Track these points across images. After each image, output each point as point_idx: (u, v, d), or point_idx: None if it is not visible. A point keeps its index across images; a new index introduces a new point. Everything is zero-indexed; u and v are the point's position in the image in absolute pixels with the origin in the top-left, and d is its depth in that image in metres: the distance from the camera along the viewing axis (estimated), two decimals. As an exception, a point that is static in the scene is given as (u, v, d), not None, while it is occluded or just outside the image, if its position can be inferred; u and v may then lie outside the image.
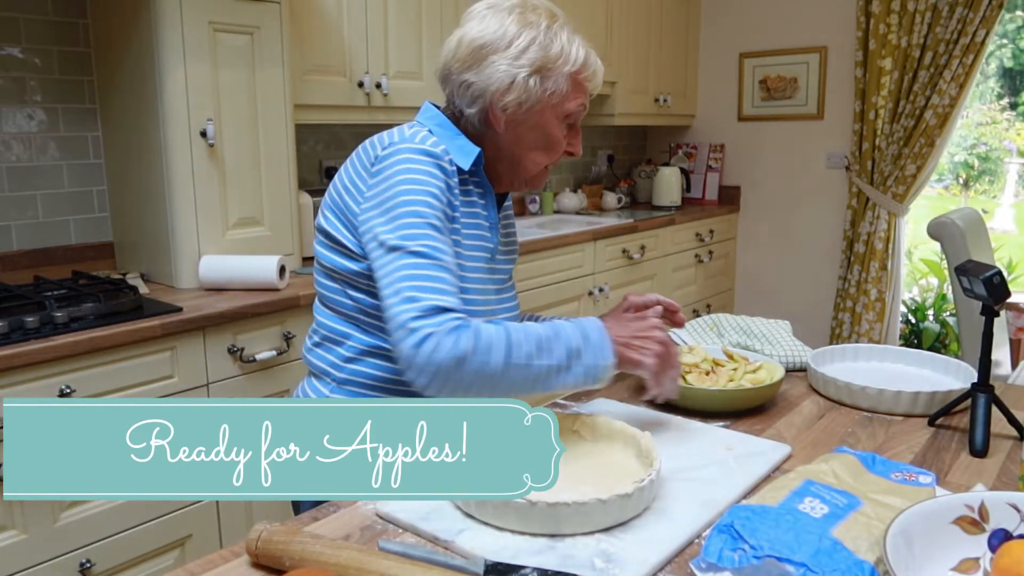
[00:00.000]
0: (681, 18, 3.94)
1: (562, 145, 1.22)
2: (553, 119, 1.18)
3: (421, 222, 1.06)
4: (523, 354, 1.01)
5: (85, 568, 1.65)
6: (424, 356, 0.97)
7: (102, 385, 1.64)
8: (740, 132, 4.05)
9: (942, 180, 5.72)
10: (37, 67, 2.07)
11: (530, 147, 1.20)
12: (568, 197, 3.71)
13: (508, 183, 1.26)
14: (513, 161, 1.22)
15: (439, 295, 1.01)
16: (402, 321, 0.99)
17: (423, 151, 1.10)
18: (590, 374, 1.05)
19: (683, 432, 1.16)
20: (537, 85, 1.14)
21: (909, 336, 3.94)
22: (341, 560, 0.76)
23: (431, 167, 1.10)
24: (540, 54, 1.13)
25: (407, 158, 1.10)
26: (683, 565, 0.82)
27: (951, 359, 1.40)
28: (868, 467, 0.97)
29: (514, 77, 1.13)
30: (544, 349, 1.03)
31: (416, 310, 0.99)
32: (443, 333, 0.97)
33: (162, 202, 2.01)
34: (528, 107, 1.16)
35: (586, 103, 1.21)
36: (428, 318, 0.98)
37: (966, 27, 3.20)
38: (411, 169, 1.09)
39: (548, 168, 1.25)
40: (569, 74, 1.16)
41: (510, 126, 1.18)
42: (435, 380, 0.98)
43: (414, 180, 1.08)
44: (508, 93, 1.14)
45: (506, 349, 1.00)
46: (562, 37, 1.16)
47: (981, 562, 0.78)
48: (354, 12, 2.39)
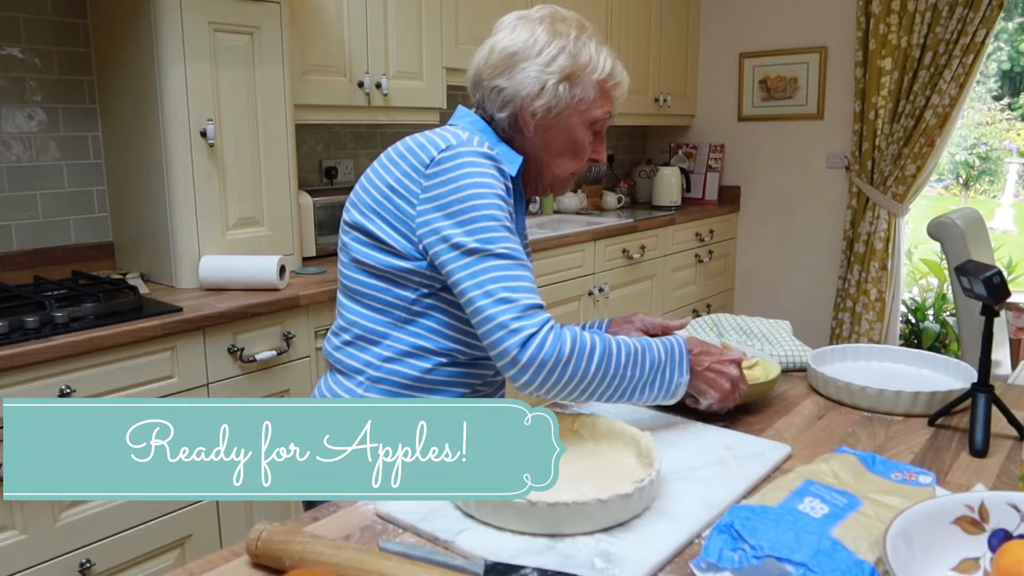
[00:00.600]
0: (681, 18, 3.94)
1: (588, 151, 1.26)
2: (580, 125, 1.22)
3: (497, 225, 1.09)
4: (617, 363, 1.07)
5: (85, 568, 1.65)
6: (530, 355, 1.01)
7: (102, 385, 1.64)
8: (740, 132, 4.05)
9: (942, 180, 5.72)
10: (37, 67, 2.07)
11: (557, 152, 1.24)
12: (568, 197, 3.71)
13: (533, 188, 1.29)
14: (540, 166, 1.25)
15: (531, 294, 1.06)
16: (502, 322, 1.03)
17: (484, 154, 1.12)
18: (669, 389, 1.12)
19: (683, 432, 1.16)
20: (566, 91, 1.18)
21: (909, 336, 3.94)
22: (341, 560, 0.76)
23: (493, 170, 1.12)
24: (569, 62, 1.17)
25: (471, 161, 1.11)
26: (683, 565, 0.82)
27: (951, 359, 1.40)
28: (868, 467, 0.97)
29: (544, 83, 1.17)
30: (635, 361, 1.08)
31: (514, 310, 1.03)
32: (545, 332, 1.03)
33: (162, 202, 2.01)
34: (556, 112, 1.20)
35: (612, 111, 1.24)
36: (527, 318, 1.03)
37: (966, 27, 3.20)
38: (477, 172, 1.10)
39: (573, 174, 1.28)
40: (597, 82, 1.20)
41: (539, 131, 1.21)
42: (538, 377, 1.02)
43: (482, 184, 1.10)
44: (538, 98, 1.18)
45: (603, 355, 1.06)
46: (590, 47, 1.20)
47: (981, 562, 0.78)
48: (354, 12, 2.39)
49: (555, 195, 1.35)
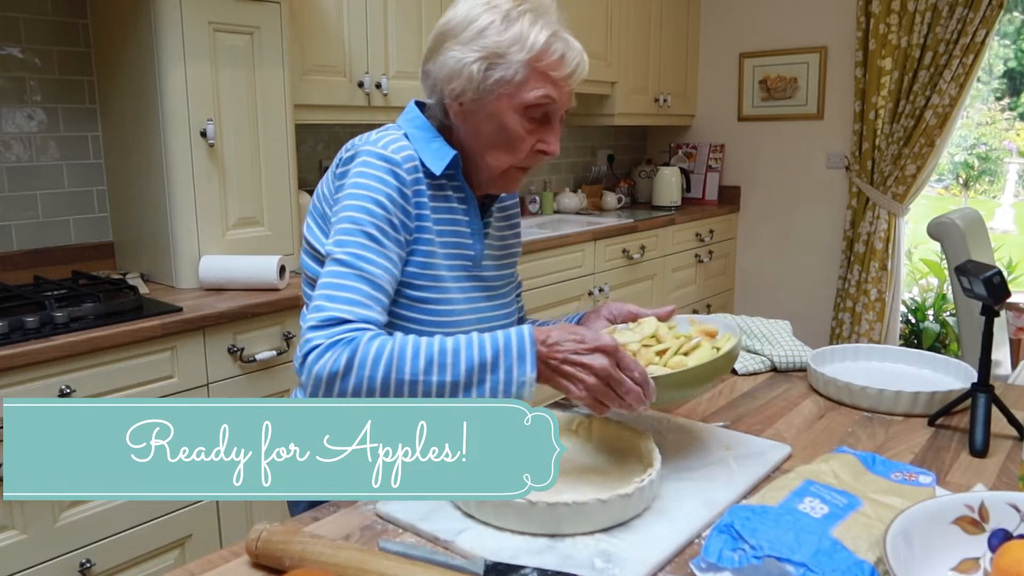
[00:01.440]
0: (681, 18, 3.94)
1: (525, 142, 1.11)
2: (509, 111, 1.09)
3: (354, 228, 1.03)
4: (414, 370, 0.94)
5: (85, 568, 1.65)
6: (306, 367, 0.96)
7: (102, 385, 1.64)
8: (740, 132, 4.05)
9: (942, 180, 5.72)
10: (37, 67, 2.07)
11: (488, 143, 1.12)
12: (568, 197, 3.71)
13: (478, 184, 1.18)
14: (475, 158, 1.15)
15: (345, 305, 0.99)
16: (303, 328, 1.00)
17: (380, 155, 1.07)
18: (508, 388, 0.94)
19: (683, 432, 1.16)
20: (480, 72, 1.06)
21: (909, 336, 3.94)
22: (341, 560, 0.76)
23: (384, 172, 1.07)
24: (493, 40, 1.06)
25: (363, 161, 1.08)
26: (683, 565, 0.82)
27: (951, 359, 1.40)
28: (868, 467, 0.97)
29: (460, 63, 1.07)
30: (441, 364, 0.95)
31: (316, 319, 0.98)
32: (327, 346, 0.95)
33: (162, 202, 2.01)
34: (478, 97, 1.08)
35: (554, 95, 1.09)
36: (321, 330, 0.97)
37: (966, 27, 3.20)
38: (362, 173, 1.07)
39: (520, 169, 1.15)
40: (524, 61, 1.06)
41: (467, 118, 1.11)
42: (315, 391, 0.96)
43: (361, 185, 1.06)
44: (452, 80, 1.08)
45: (391, 364, 0.94)
46: (522, 22, 1.07)
47: (981, 562, 0.78)
48: (354, 12, 2.39)
49: (504, 192, 1.22)
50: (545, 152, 1.13)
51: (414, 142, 1.12)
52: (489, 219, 1.23)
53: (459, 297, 1.15)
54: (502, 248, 1.27)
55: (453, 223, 1.16)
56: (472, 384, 0.95)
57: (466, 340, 0.97)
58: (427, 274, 1.11)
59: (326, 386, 0.95)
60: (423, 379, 0.94)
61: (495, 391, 0.95)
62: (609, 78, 3.47)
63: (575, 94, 1.15)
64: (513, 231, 1.31)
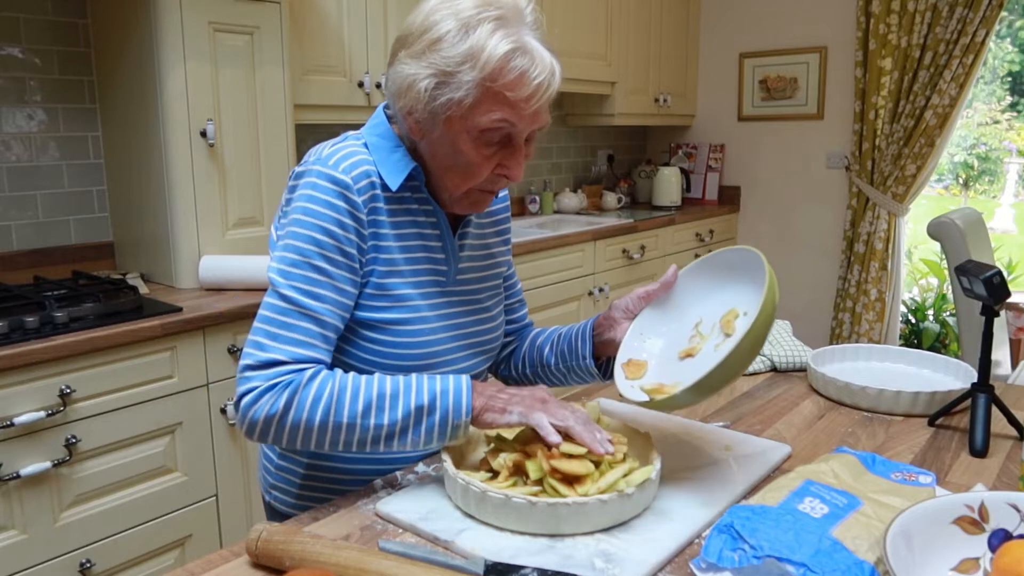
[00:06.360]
0: (681, 18, 3.94)
1: (482, 167, 0.99)
2: (462, 134, 0.97)
3: (300, 260, 0.97)
4: (351, 412, 0.92)
5: (85, 568, 1.65)
6: (242, 410, 0.93)
7: (102, 385, 1.64)
8: (740, 132, 4.05)
9: (942, 180, 5.73)
10: (37, 67, 2.07)
11: (443, 165, 1.02)
12: (568, 197, 3.71)
13: (444, 202, 1.07)
14: (437, 176, 1.04)
15: (288, 346, 0.94)
16: (240, 366, 0.95)
17: (329, 177, 0.99)
18: (440, 432, 0.93)
19: (683, 432, 1.16)
20: (428, 92, 0.95)
21: (909, 336, 3.94)
22: (341, 560, 0.76)
23: (332, 196, 0.98)
24: (443, 55, 0.94)
25: (310, 183, 1.00)
26: (683, 565, 0.82)
27: (951, 359, 1.40)
28: (868, 467, 0.97)
29: (409, 79, 0.96)
30: (380, 408, 0.93)
31: (252, 359, 0.94)
32: (263, 389, 0.92)
33: (162, 202, 2.01)
34: (428, 117, 0.98)
35: (512, 119, 0.95)
36: (260, 370, 0.93)
37: (966, 27, 3.21)
38: (310, 197, 0.99)
39: (485, 192, 1.04)
40: (476, 81, 0.93)
41: (424, 135, 1.01)
42: (250, 434, 0.94)
43: (309, 211, 0.98)
44: (402, 97, 0.98)
45: (329, 407, 0.92)
46: (481, 31, 0.93)
47: (981, 562, 0.78)
48: (354, 12, 2.39)
49: (469, 213, 1.10)
50: (506, 176, 1.02)
51: (374, 152, 1.04)
52: (466, 230, 1.12)
53: (431, 315, 1.07)
54: (485, 257, 1.17)
55: (420, 237, 1.06)
56: (408, 428, 0.93)
57: (404, 383, 0.95)
58: (389, 295, 1.03)
59: (261, 429, 0.93)
60: (364, 422, 0.93)
61: (430, 434, 0.94)
62: (609, 78, 3.47)
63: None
64: (501, 236, 1.21)
